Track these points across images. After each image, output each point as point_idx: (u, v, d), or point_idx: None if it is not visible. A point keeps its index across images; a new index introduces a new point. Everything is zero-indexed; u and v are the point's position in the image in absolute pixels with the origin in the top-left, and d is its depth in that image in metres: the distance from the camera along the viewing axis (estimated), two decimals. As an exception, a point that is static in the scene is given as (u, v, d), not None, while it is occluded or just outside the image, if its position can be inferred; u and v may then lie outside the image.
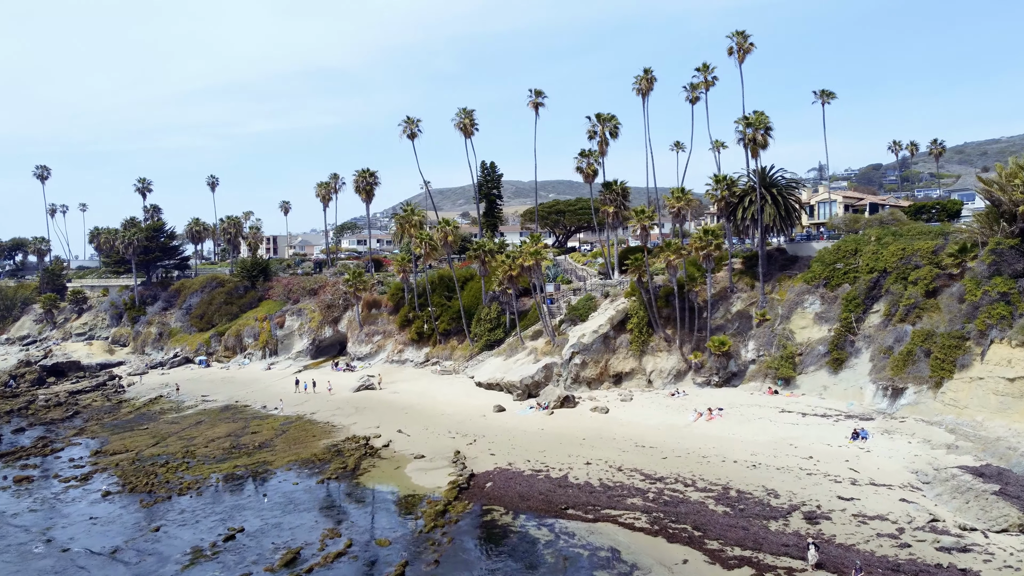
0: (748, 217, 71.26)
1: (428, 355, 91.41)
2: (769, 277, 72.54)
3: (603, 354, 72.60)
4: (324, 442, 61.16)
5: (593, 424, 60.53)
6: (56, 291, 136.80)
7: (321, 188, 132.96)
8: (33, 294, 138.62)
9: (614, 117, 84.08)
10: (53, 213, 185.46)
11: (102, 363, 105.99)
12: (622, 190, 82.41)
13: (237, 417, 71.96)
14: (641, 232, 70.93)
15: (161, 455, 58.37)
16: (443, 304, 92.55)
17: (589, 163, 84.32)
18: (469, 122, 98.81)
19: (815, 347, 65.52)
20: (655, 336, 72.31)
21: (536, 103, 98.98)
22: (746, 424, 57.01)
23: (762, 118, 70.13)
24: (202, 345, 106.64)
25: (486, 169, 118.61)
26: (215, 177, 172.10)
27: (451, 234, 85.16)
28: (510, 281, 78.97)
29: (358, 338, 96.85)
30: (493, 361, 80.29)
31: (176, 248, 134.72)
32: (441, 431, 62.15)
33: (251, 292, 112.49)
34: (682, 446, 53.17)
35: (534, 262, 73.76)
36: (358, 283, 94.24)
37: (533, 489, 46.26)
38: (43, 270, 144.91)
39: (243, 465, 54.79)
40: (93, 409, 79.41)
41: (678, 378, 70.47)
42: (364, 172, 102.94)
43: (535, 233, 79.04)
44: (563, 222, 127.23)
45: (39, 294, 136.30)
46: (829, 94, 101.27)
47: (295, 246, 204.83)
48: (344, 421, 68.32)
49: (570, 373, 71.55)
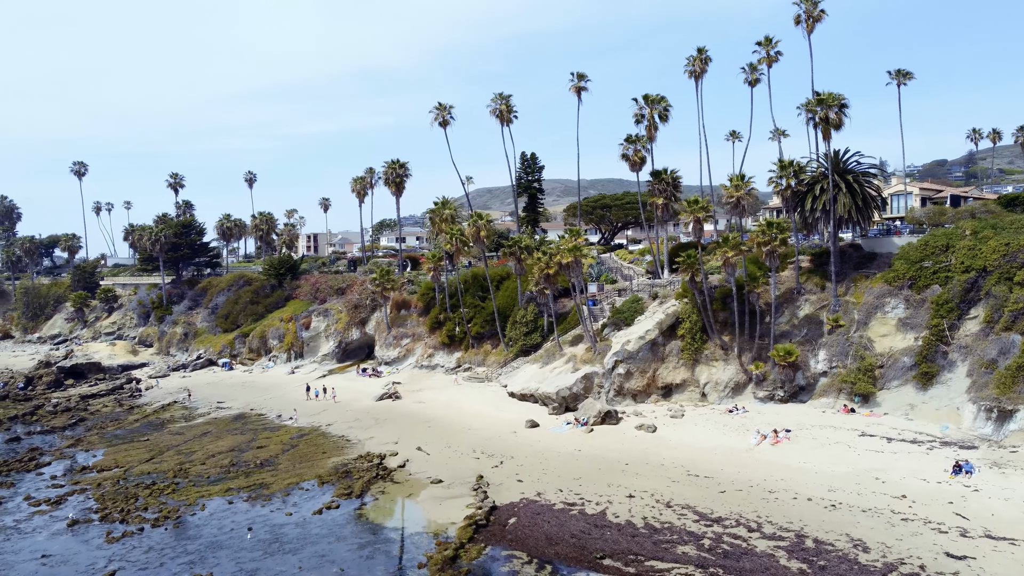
0: (819, 208, 62.30)
1: (459, 360, 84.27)
2: (842, 277, 63.46)
3: (650, 363, 64.44)
4: (334, 460, 54.40)
5: (638, 445, 52.51)
6: (88, 289, 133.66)
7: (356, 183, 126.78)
8: (66, 292, 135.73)
9: (664, 99, 75.70)
10: (98, 211, 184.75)
11: (124, 364, 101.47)
12: (672, 179, 73.96)
13: (246, 428, 65.78)
14: (694, 225, 62.48)
15: (151, 473, 52.26)
16: (476, 305, 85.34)
17: (636, 150, 76.05)
18: (506, 108, 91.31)
19: (899, 358, 56.35)
20: (710, 343, 63.87)
21: (579, 87, 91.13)
22: (819, 450, 48.35)
23: (835, 96, 61.11)
24: (226, 347, 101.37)
25: (526, 160, 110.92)
26: (252, 173, 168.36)
27: (484, 228, 77.75)
28: (547, 281, 71.28)
29: (386, 341, 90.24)
30: (528, 369, 72.70)
31: (206, 245, 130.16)
32: (465, 449, 54.86)
33: (278, 291, 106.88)
34: (743, 476, 44.86)
35: (573, 259, 65.95)
36: (386, 282, 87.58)
37: (564, 529, 38.58)
38: (74, 267, 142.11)
39: (237, 488, 48.25)
40: (100, 416, 74.23)
41: (736, 392, 61.91)
42: (394, 164, 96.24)
43: (574, 227, 71.28)
44: (609, 217, 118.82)
45: (72, 292, 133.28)
46: (906, 74, 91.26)
47: (335, 244, 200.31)
48: (360, 435, 61.55)
49: (613, 384, 63.58)
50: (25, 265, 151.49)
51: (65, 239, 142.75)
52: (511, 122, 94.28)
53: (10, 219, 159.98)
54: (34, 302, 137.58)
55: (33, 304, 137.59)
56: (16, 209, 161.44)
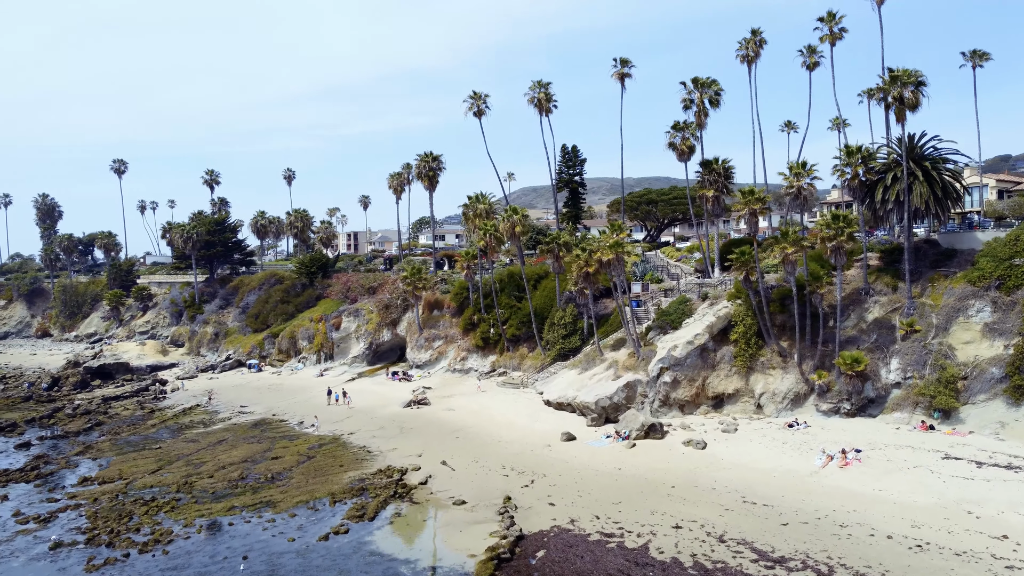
0: (891, 199, 55.64)
1: (494, 364, 79.36)
2: (917, 276, 56.74)
3: (699, 370, 58.56)
4: (351, 475, 49.85)
5: (686, 464, 46.81)
6: (125, 288, 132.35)
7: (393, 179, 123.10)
8: (103, 291, 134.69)
9: (715, 82, 69.68)
10: (143, 210, 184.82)
11: (153, 365, 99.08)
12: (724, 170, 67.85)
13: (264, 436, 61.76)
14: (750, 219, 56.39)
15: (154, 487, 48.36)
16: (512, 306, 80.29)
17: (684, 138, 70.12)
18: (545, 97, 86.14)
19: (986, 369, 49.58)
20: (766, 349, 57.75)
21: (622, 74, 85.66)
22: (896, 475, 42.05)
23: (911, 72, 54.51)
24: (255, 347, 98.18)
25: (567, 153, 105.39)
26: (291, 170, 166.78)
27: (519, 224, 72.57)
28: (586, 280, 65.88)
29: (417, 343, 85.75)
30: (566, 375, 67.39)
31: (240, 243, 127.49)
32: (494, 465, 49.83)
33: (309, 290, 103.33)
34: (808, 505, 38.92)
35: (615, 256, 60.43)
36: (417, 281, 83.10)
37: (600, 567, 33.25)
38: (110, 266, 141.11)
39: (241, 506, 43.95)
40: (119, 420, 71.17)
41: (796, 403, 55.69)
42: (426, 156, 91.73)
43: (616, 221, 65.64)
44: (654, 213, 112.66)
45: (108, 291, 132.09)
46: (982, 55, 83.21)
47: (374, 242, 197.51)
48: (383, 445, 56.99)
49: (658, 394, 57.89)
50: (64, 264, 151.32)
51: (101, 237, 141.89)
52: (550, 112, 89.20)
53: (51, 217, 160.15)
54: (71, 300, 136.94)
55: (71, 303, 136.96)
56: (57, 207, 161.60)
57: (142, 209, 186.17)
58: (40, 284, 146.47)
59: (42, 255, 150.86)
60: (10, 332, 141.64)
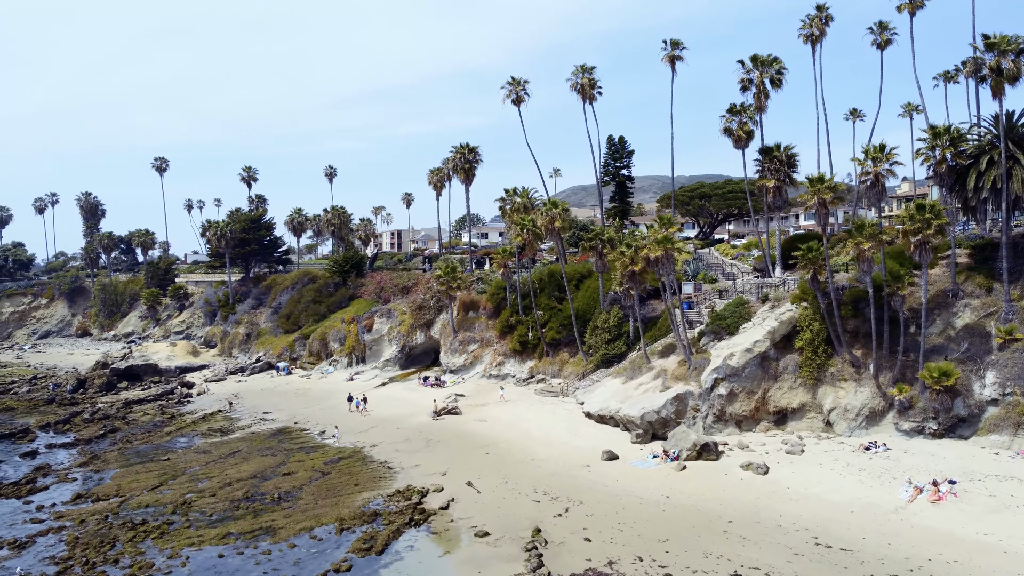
0: (986, 186, 48.16)
1: (532, 370, 73.66)
2: (1017, 276, 49.16)
3: (759, 382, 51.91)
4: (365, 495, 44.74)
5: (745, 494, 40.43)
6: (163, 287, 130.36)
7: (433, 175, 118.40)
8: (141, 289, 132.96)
9: (776, 59, 62.82)
10: (189, 208, 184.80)
11: (182, 366, 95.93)
12: (787, 157, 60.92)
13: (280, 448, 57.16)
14: (818, 210, 49.44)
15: (150, 506, 43.97)
16: (552, 307, 74.50)
17: (741, 122, 63.38)
18: (588, 83, 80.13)
19: (1105, 385, 41.98)
20: (836, 358, 50.85)
21: (672, 56, 79.17)
22: (1003, 514, 35.02)
23: (1010, 39, 47.04)
24: (285, 349, 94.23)
25: (613, 144, 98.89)
26: (332, 168, 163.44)
27: (558, 218, 66.66)
28: (632, 279, 59.71)
29: (451, 346, 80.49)
30: (609, 383, 61.33)
31: (275, 241, 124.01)
32: (524, 487, 44.15)
33: (342, 290, 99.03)
34: (897, 551, 32.30)
35: (663, 253, 54.16)
36: (451, 280, 77.83)
37: (641, 628, 27.29)
38: (147, 264, 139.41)
39: (238, 533, 39.10)
40: (136, 426, 67.54)
41: (871, 421, 48.66)
42: (461, 148, 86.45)
43: (665, 214, 59.21)
44: (707, 209, 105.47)
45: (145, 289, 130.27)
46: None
47: (417, 240, 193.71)
48: (405, 461, 51.79)
49: (712, 408, 51.47)
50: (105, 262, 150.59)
51: (138, 235, 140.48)
52: (594, 99, 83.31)
53: (94, 216, 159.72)
54: (110, 299, 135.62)
55: (109, 301, 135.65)
56: (100, 206, 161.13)
57: (189, 208, 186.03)
58: (81, 283, 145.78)
59: (82, 253, 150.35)
60: (51, 331, 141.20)
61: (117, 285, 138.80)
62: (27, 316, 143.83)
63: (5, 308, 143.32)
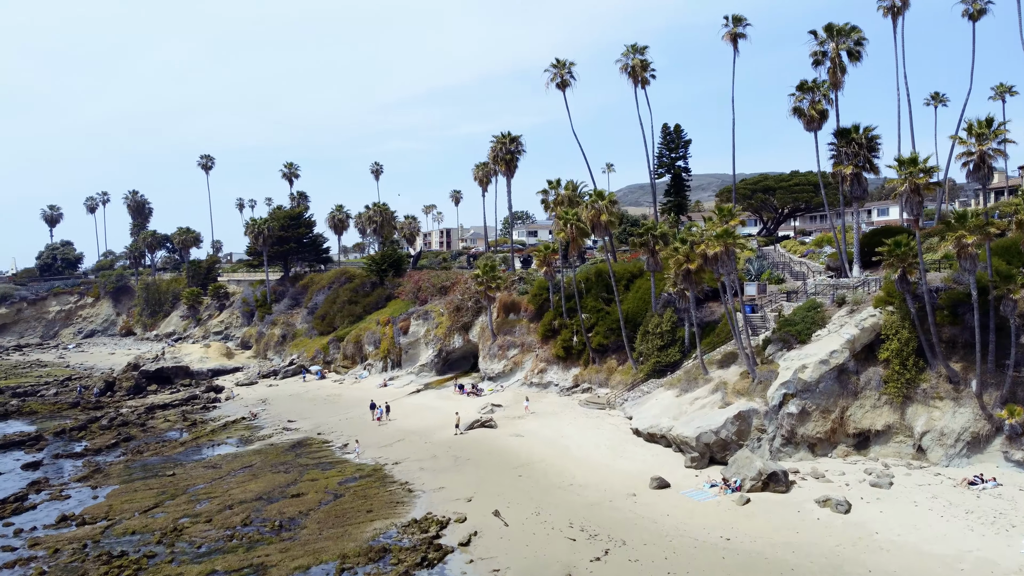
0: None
1: (577, 378, 67.32)
2: None
3: (837, 398, 44.59)
4: (377, 525, 39.14)
5: (823, 538, 33.41)
6: (204, 286, 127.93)
7: (479, 169, 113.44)
8: (183, 289, 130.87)
9: (855, 28, 55.08)
10: (241, 208, 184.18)
11: (215, 369, 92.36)
12: (867, 140, 53.12)
13: (296, 463, 52.05)
14: (909, 196, 41.82)
15: (136, 533, 39.15)
16: (599, 310, 67.95)
17: (813, 101, 55.76)
18: (640, 65, 73.36)
19: None
20: (930, 372, 43.20)
21: (735, 34, 72.24)
22: None
23: None
24: (319, 352, 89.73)
25: (668, 133, 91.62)
26: (379, 164, 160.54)
27: (605, 211, 60.05)
28: (687, 279, 52.85)
29: (490, 351, 74.59)
30: (661, 396, 54.56)
31: (314, 239, 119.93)
32: (559, 520, 37.91)
33: (379, 289, 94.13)
34: (1028, 630, 25.03)
35: (723, 249, 47.23)
36: (490, 280, 71.94)
37: None
38: (188, 263, 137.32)
39: (224, 571, 33.87)
40: (152, 434, 63.53)
41: (974, 448, 40.95)
42: (503, 138, 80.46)
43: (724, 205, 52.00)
44: (771, 203, 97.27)
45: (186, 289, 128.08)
46: None
47: (466, 239, 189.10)
48: (428, 482, 46.06)
49: (780, 428, 44.38)
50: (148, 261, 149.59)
51: (179, 233, 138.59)
52: (647, 83, 76.57)
53: (141, 214, 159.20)
54: (153, 299, 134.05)
55: (152, 301, 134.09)
56: (147, 204, 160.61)
57: (240, 207, 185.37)
58: (126, 282, 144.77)
59: (126, 252, 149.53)
60: (96, 330, 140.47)
61: (160, 284, 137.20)
62: (73, 315, 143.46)
63: (52, 307, 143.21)
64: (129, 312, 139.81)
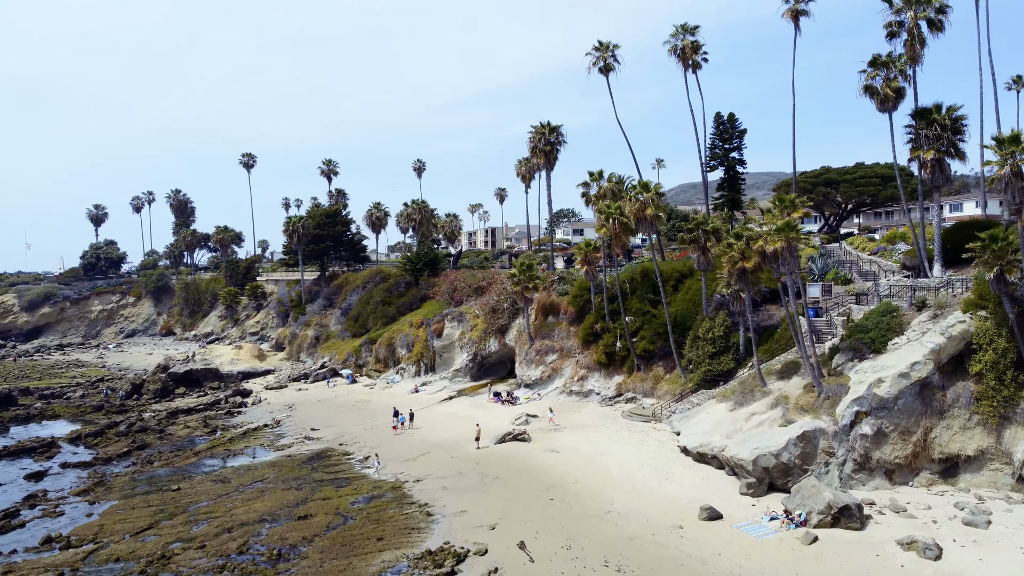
0: None
1: (620, 387, 61.99)
2: None
3: (919, 418, 38.47)
4: (386, 556, 34.54)
5: (910, 593, 27.62)
6: (242, 286, 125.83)
7: (522, 165, 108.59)
8: (221, 289, 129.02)
9: (937, -4, 48.46)
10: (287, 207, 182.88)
11: (245, 371, 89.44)
12: (952, 122, 46.58)
13: (311, 478, 47.87)
14: (1011, 181, 35.50)
15: (119, 560, 35.26)
16: (645, 312, 62.50)
17: (888, 77, 49.35)
18: (690, 47, 67.55)
19: None
20: (1032, 389, 36.78)
21: (795, 11, 65.94)
22: None
23: None
24: (351, 355, 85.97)
25: (721, 123, 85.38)
26: (421, 162, 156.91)
27: (650, 205, 54.46)
28: (742, 279, 47.05)
29: (527, 356, 69.59)
30: (713, 410, 48.88)
31: (352, 238, 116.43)
32: (593, 557, 32.78)
33: (413, 289, 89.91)
34: None
35: (783, 244, 41.44)
36: (527, 280, 66.94)
37: None
38: (226, 262, 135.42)
39: (204, 611, 29.66)
40: (168, 442, 60.20)
41: (1089, 479, 34.48)
42: (542, 128, 75.34)
43: (786, 195, 46.04)
44: (835, 198, 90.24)
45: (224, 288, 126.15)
46: None
47: (511, 238, 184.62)
48: (450, 505, 41.32)
49: (852, 452, 38.42)
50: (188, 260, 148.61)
51: (218, 232, 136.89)
52: (699, 67, 70.81)
53: (184, 214, 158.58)
54: (192, 298, 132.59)
55: (192, 300, 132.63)
56: (189, 203, 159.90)
57: (286, 206, 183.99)
58: (167, 281, 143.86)
59: (167, 252, 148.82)
60: (137, 330, 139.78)
61: (199, 284, 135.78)
62: (115, 314, 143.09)
63: (95, 306, 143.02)
64: (169, 312, 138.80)
